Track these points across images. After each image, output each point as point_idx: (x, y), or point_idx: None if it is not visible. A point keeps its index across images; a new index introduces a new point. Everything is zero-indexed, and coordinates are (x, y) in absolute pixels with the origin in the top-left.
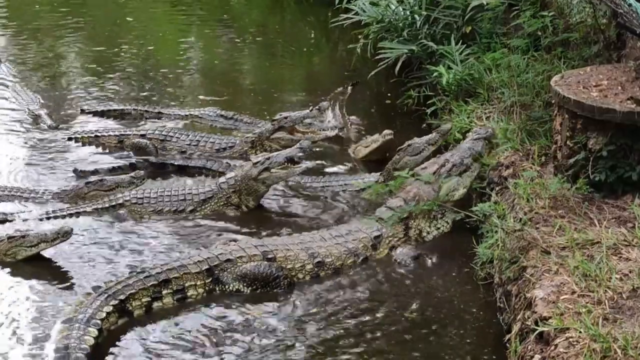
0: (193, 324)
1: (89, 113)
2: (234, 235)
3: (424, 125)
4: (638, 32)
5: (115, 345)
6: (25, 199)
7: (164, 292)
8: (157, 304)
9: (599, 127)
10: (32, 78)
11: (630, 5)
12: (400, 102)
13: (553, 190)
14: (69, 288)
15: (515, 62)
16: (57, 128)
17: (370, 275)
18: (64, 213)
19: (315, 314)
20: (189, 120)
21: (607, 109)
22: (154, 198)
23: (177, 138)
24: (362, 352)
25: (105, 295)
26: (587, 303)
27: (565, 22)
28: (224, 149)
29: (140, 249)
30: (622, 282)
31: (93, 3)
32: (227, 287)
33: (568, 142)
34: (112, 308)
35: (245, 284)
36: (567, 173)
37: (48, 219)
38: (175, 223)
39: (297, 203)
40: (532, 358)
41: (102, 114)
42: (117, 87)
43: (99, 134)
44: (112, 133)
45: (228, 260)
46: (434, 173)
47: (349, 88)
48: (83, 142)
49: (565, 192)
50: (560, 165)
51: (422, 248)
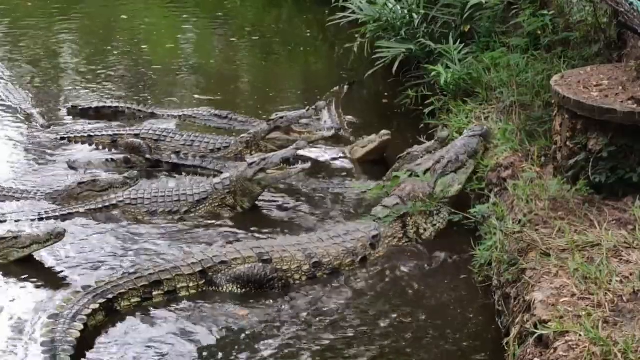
0: (180, 325)
1: (81, 110)
2: (230, 237)
3: (422, 126)
4: (639, 31)
5: (102, 342)
6: (18, 200)
7: (155, 293)
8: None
9: (600, 127)
10: (24, 77)
11: (632, 4)
12: (398, 101)
13: (553, 192)
14: (60, 288)
15: (515, 61)
16: (49, 127)
17: (368, 278)
18: (57, 214)
19: (309, 316)
20: (183, 120)
21: (607, 109)
22: (148, 199)
23: (171, 138)
24: (357, 355)
25: (94, 294)
26: (587, 306)
27: (566, 21)
28: (219, 149)
29: (134, 251)
30: (622, 284)
31: (87, 0)
32: (220, 289)
33: (568, 142)
34: (98, 306)
35: (239, 286)
36: (567, 174)
37: (40, 220)
38: (170, 224)
39: (292, 204)
40: None
41: (96, 111)
42: (110, 85)
43: (93, 134)
44: (105, 132)
45: (222, 262)
46: (429, 169)
47: (346, 88)
48: (76, 141)
49: (565, 193)
50: (560, 166)
51: (420, 250)
